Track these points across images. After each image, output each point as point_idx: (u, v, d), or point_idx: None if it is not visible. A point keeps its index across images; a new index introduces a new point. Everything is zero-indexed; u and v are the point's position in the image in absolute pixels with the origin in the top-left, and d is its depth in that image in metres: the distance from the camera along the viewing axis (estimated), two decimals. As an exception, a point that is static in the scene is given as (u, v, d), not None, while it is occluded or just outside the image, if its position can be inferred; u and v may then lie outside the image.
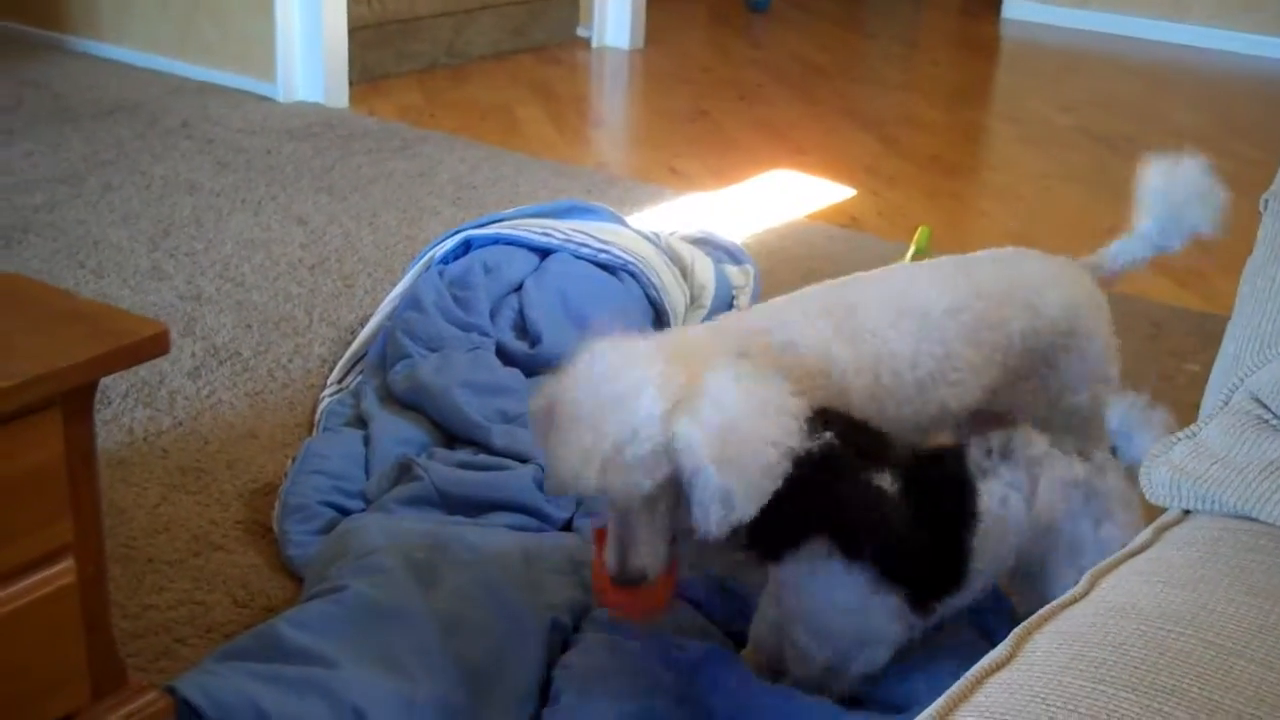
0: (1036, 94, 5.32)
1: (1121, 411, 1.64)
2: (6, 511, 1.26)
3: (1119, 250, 2.18)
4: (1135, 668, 0.93)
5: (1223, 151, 4.50)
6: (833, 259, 3.33)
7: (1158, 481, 1.22)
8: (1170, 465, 1.21)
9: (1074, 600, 1.04)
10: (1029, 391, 1.95)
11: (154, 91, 4.53)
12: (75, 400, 1.30)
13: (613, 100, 5.18)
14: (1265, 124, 4.98)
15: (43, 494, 1.29)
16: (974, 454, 1.66)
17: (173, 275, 3.05)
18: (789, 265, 3.22)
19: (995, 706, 0.90)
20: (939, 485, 1.63)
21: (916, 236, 3.23)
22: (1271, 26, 5.94)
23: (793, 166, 4.11)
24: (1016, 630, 1.01)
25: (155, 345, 1.32)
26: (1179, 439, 1.24)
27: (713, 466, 1.48)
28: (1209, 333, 2.99)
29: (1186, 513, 1.21)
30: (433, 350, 2.50)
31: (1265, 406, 1.19)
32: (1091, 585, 1.06)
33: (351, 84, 4.57)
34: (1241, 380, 1.22)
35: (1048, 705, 0.90)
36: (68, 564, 1.33)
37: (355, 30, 4.59)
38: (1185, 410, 2.61)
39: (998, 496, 1.63)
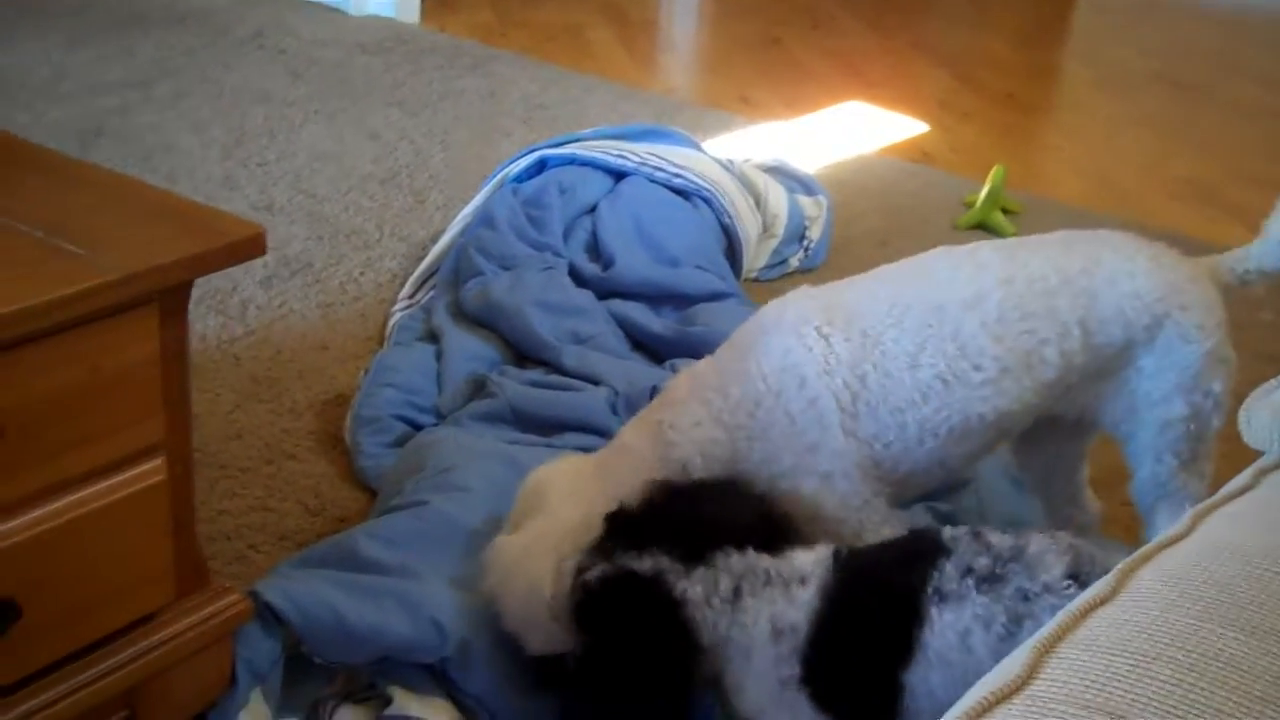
0: (1113, 37, 5.22)
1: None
2: (103, 407, 1.27)
3: (1256, 254, 1.81)
4: (1242, 608, 0.92)
5: (1305, 100, 4.42)
6: (907, 194, 3.30)
7: (1258, 424, 1.20)
8: (1272, 408, 1.19)
9: (1175, 539, 1.03)
10: (1107, 395, 1.68)
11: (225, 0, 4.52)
12: (172, 299, 1.30)
13: (684, 25, 5.12)
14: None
15: (137, 391, 1.30)
16: (951, 564, 1.34)
17: (244, 185, 3.06)
18: (862, 198, 3.19)
19: (1100, 640, 0.89)
20: (868, 599, 1.36)
21: (991, 175, 3.19)
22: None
23: (865, 99, 4.06)
24: (1119, 566, 0.99)
25: (252, 246, 1.32)
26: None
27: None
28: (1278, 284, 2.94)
29: (1287, 458, 1.19)
30: (506, 269, 2.49)
31: (1375, 354, 1.16)
32: (1193, 525, 1.05)
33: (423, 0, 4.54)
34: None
35: (1154, 641, 0.88)
36: (158, 462, 1.34)
37: (428, -55, 4.55)
38: (1263, 362, 2.58)
39: (955, 630, 1.32)
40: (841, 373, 1.60)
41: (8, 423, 1.19)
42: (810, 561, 1.42)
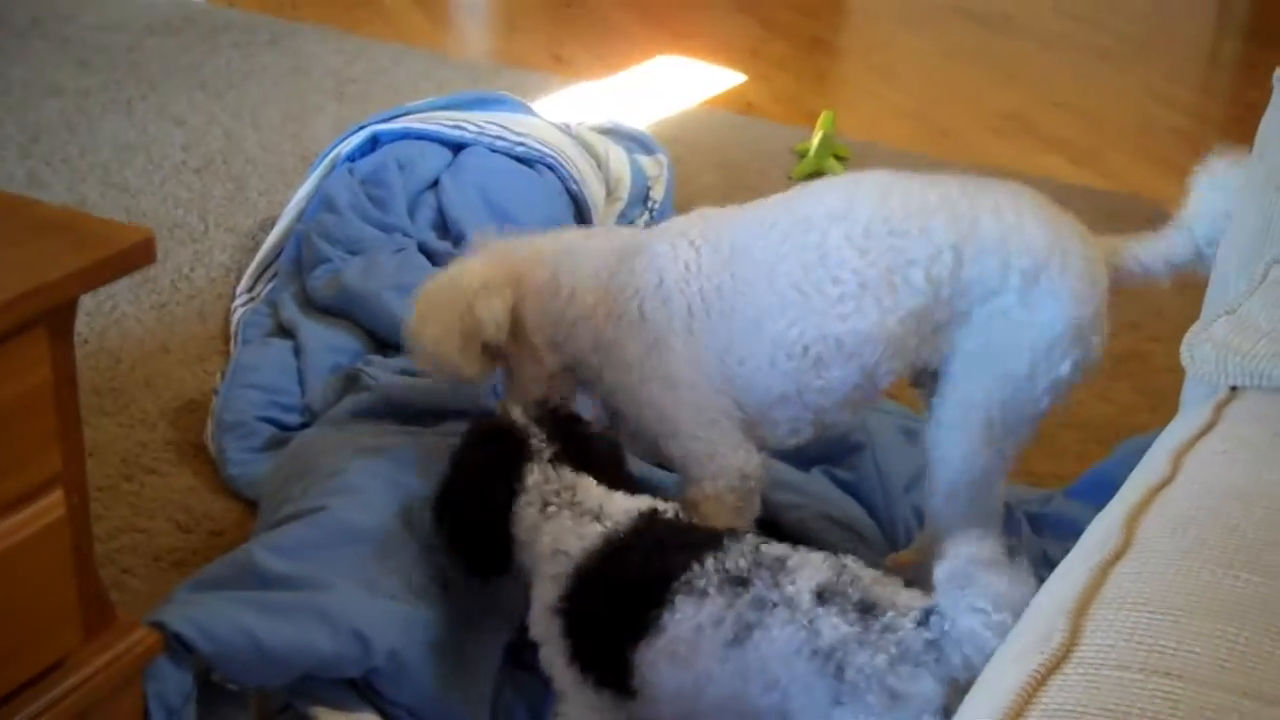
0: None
1: (957, 562, 1.19)
2: (1, 441, 1.16)
3: (1151, 246, 1.70)
4: (1257, 550, 0.92)
5: (1099, 25, 4.56)
6: (738, 146, 3.28)
7: (1202, 358, 1.21)
8: (1214, 341, 1.20)
9: (1165, 483, 1.02)
10: (959, 340, 1.60)
11: (-7, -12, 4.23)
12: (59, 319, 1.20)
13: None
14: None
15: (33, 421, 1.19)
16: (712, 560, 1.32)
17: (51, 183, 2.87)
18: (698, 154, 3.16)
19: (1129, 596, 0.88)
20: (630, 565, 1.38)
21: (821, 121, 3.20)
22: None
23: (677, 52, 4.03)
24: (1120, 515, 0.98)
25: (143, 253, 1.22)
26: (1218, 314, 1.22)
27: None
28: (1112, 210, 3.02)
29: (1233, 389, 1.20)
30: (353, 253, 2.39)
31: (1308, 279, 1.18)
32: (1176, 466, 1.04)
33: (207, -25, 4.32)
34: (1277, 256, 1.21)
35: (1183, 594, 0.88)
36: (57, 495, 1.24)
37: (207, -83, 4.34)
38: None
39: (690, 625, 1.31)
40: (700, 281, 1.61)
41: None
42: (620, 507, 1.45)
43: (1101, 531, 0.98)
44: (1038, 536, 1.80)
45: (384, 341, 2.21)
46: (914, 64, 4.09)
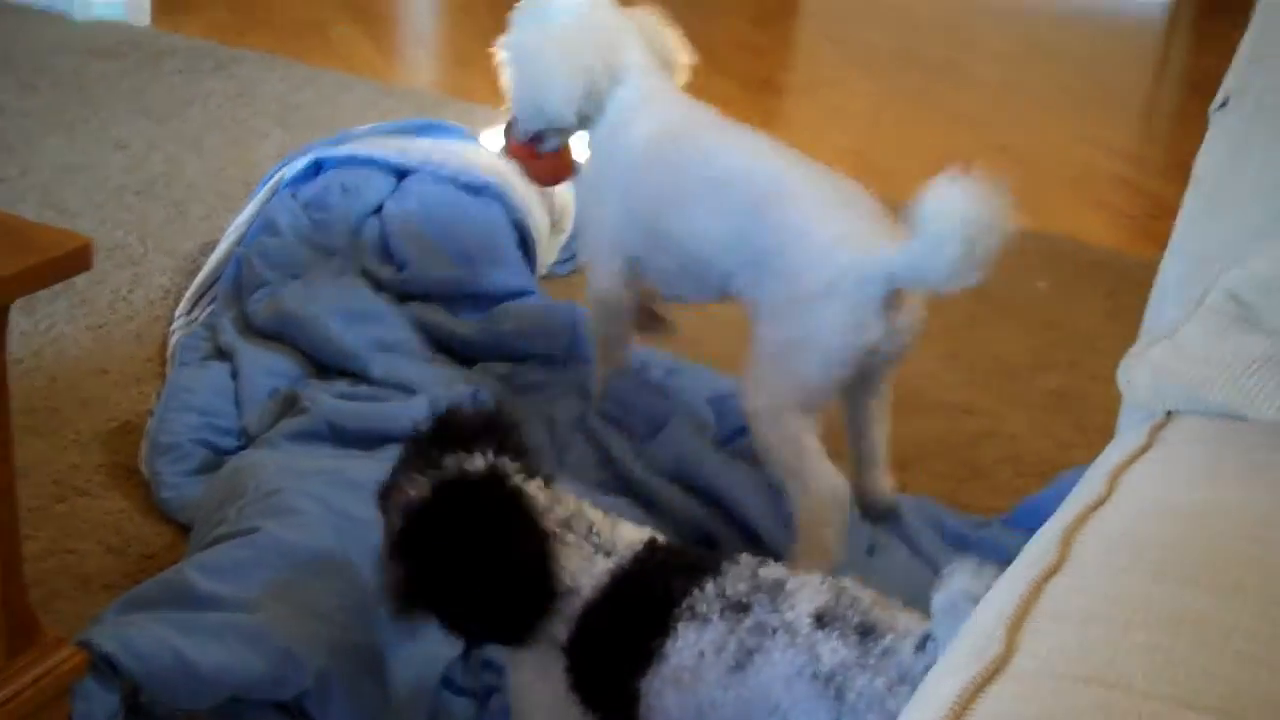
0: (854, 16, 5.34)
1: (951, 593, 1.17)
2: (-82, 451, 1.13)
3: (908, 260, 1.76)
4: (1195, 565, 0.92)
5: (1038, 73, 4.63)
6: (683, 180, 3.29)
7: (1139, 383, 1.22)
8: (1151, 366, 1.21)
9: (1101, 501, 1.03)
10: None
11: (-66, 8, 4.19)
12: (-12, 326, 1.18)
13: (426, 20, 5.01)
14: (1071, 47, 5.12)
15: (-44, 431, 1.16)
16: (712, 585, 1.31)
17: (-13, 203, 2.83)
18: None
19: (1067, 610, 0.88)
20: (634, 596, 1.34)
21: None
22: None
23: (625, 88, 4.04)
24: (1056, 532, 0.99)
25: (79, 259, 1.20)
26: (1155, 339, 1.23)
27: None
28: (1053, 253, 3.06)
29: (1169, 414, 1.21)
30: (294, 277, 2.37)
31: (1243, 304, 1.19)
32: (1112, 486, 1.05)
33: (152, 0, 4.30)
34: (1215, 280, 1.22)
35: (1121, 607, 0.88)
36: (-18, 509, 1.21)
37: (155, -56, 4.32)
38: (1044, 328, 2.67)
39: (692, 651, 1.29)
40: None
41: None
42: (625, 540, 1.39)
43: (1038, 548, 0.99)
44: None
45: (324, 366, 2.19)
46: (860, 105, 4.12)
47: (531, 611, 1.33)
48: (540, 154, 2.13)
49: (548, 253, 2.72)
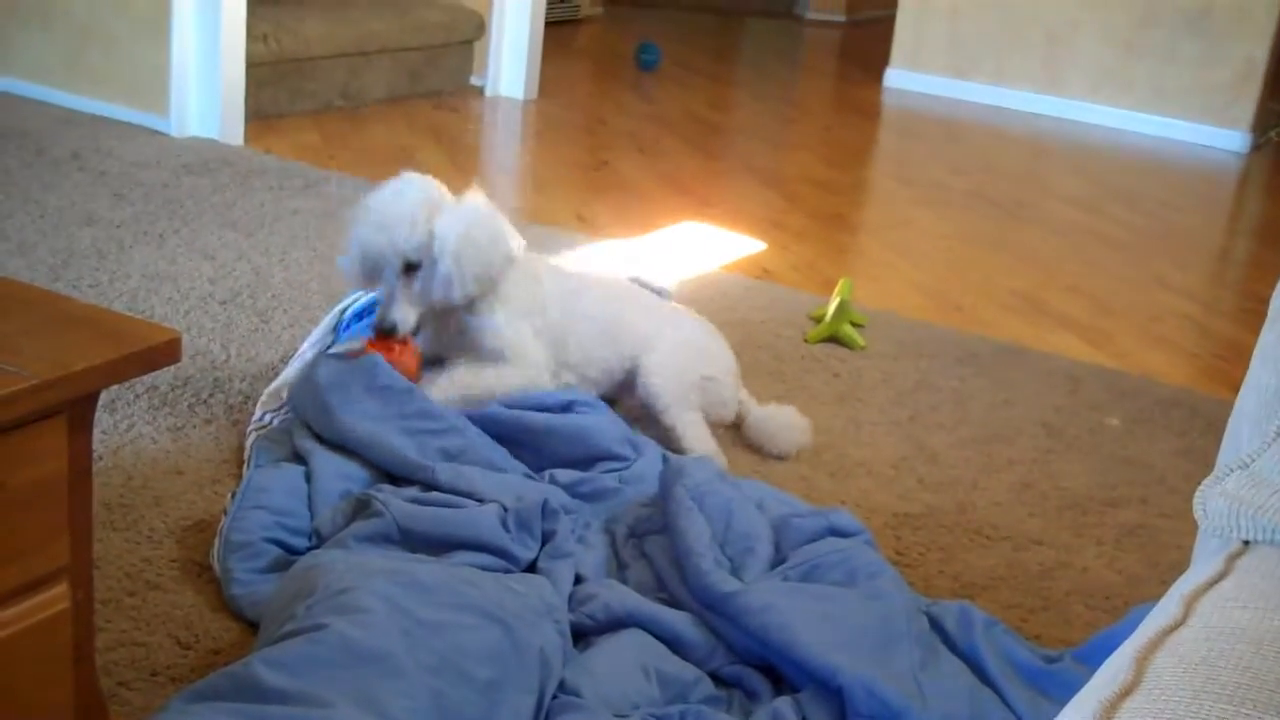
0: (926, 158, 5.42)
1: None
2: (8, 528, 1.16)
3: None
4: (1271, 691, 0.91)
5: (1108, 217, 4.65)
6: (755, 309, 3.32)
7: (1214, 511, 1.21)
8: (1227, 495, 1.20)
9: (1177, 625, 1.02)
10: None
11: (39, 121, 4.35)
12: (80, 410, 1.21)
13: (512, 148, 5.13)
14: (1143, 191, 5.15)
15: (45, 511, 1.19)
16: None
17: (78, 306, 2.91)
18: (714, 313, 3.19)
19: (1143, 729, 0.87)
20: None
21: (839, 288, 3.24)
22: (1142, 103, 6.16)
23: (700, 219, 4.11)
24: (1130, 654, 0.98)
25: (168, 352, 1.24)
26: (1231, 469, 1.23)
27: (450, 255, 2.37)
28: (1124, 390, 3.05)
29: (1245, 543, 1.20)
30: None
31: (1321, 436, 1.19)
32: (1188, 610, 1.04)
33: (246, 121, 4.44)
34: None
35: (1197, 728, 0.86)
36: (62, 588, 1.23)
37: (250, 67, 4.48)
38: (1118, 464, 2.66)
39: None
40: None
41: (-95, 548, 1.08)
42: None
43: (1112, 669, 0.98)
44: (1044, 695, 1.78)
45: (393, 477, 2.22)
46: (930, 243, 4.16)
47: None
48: (393, 347, 2.42)
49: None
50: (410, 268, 2.42)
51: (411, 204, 2.42)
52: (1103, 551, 2.32)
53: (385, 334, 2.40)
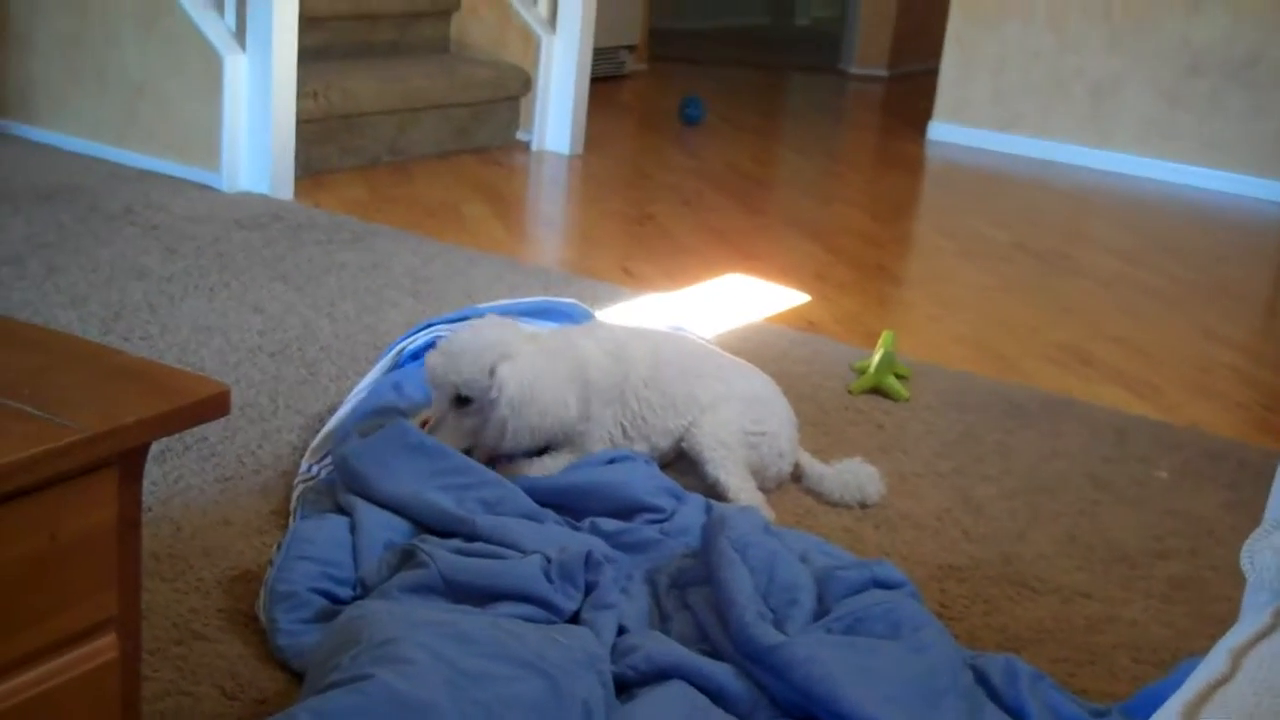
0: (969, 211, 5.42)
1: None
2: (59, 578, 1.18)
3: None
4: (1317, 743, 0.90)
5: (1154, 269, 4.63)
6: (798, 360, 3.33)
7: (1262, 565, 1.21)
8: (1274, 548, 1.20)
9: (1224, 680, 1.01)
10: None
11: (93, 177, 4.44)
12: (131, 462, 1.23)
13: (558, 202, 5.18)
14: (1189, 244, 5.12)
15: (94, 561, 1.21)
16: None
17: (129, 358, 2.95)
18: (758, 364, 3.20)
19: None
20: None
21: (882, 340, 3.24)
22: (1189, 155, 6.14)
23: (744, 271, 4.13)
24: (1177, 709, 0.97)
25: (217, 405, 1.26)
26: (1279, 525, 1.22)
27: (508, 407, 2.39)
28: (1171, 443, 3.03)
29: (1293, 596, 1.19)
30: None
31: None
32: (1235, 665, 1.04)
33: (296, 176, 4.51)
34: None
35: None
36: (110, 638, 1.25)
37: (300, 123, 4.54)
38: (1167, 516, 2.64)
39: None
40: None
41: (-41, 597, 1.10)
42: None
43: (1161, 723, 0.97)
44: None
45: (436, 531, 2.23)
46: (974, 295, 4.15)
47: None
48: None
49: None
50: (462, 401, 2.43)
51: (483, 343, 2.42)
52: (1150, 605, 2.30)
53: None
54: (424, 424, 2.45)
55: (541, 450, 2.54)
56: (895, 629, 1.93)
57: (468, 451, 2.45)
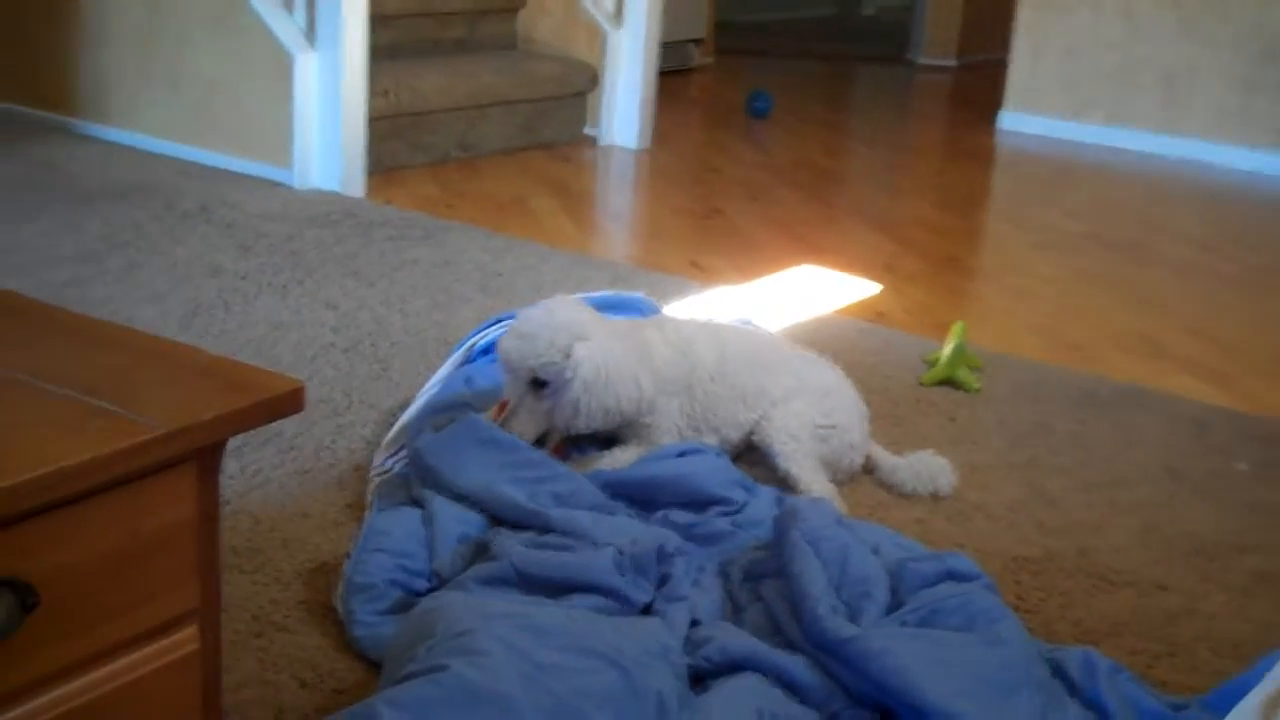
0: (1041, 201, 5.37)
1: None
2: (140, 572, 1.20)
3: None
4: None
5: (1229, 257, 4.56)
6: (868, 352, 3.32)
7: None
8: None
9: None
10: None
11: (167, 175, 4.50)
12: (208, 458, 1.25)
13: (626, 196, 5.19)
14: (1264, 232, 5.05)
15: (174, 555, 1.23)
16: None
17: (206, 355, 2.99)
18: (829, 357, 3.20)
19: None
20: None
21: (954, 331, 3.22)
22: (1265, 141, 6.04)
23: (814, 263, 4.12)
24: (1256, 705, 0.96)
25: (292, 401, 1.27)
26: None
27: (582, 387, 2.38)
28: (1253, 434, 2.99)
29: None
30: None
31: None
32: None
33: (366, 173, 4.55)
34: None
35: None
36: (191, 630, 1.27)
37: (370, 121, 4.58)
38: (1246, 509, 2.60)
39: None
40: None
41: (46, 592, 1.12)
42: None
43: (1239, 717, 0.96)
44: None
45: (509, 524, 2.24)
46: (1045, 285, 4.11)
47: None
48: None
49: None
50: (539, 384, 2.42)
51: (557, 324, 2.40)
52: (1231, 598, 2.27)
53: None
54: (501, 408, 2.47)
55: (611, 443, 2.55)
56: (970, 621, 1.92)
57: (543, 436, 2.47)
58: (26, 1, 5.06)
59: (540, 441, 2.47)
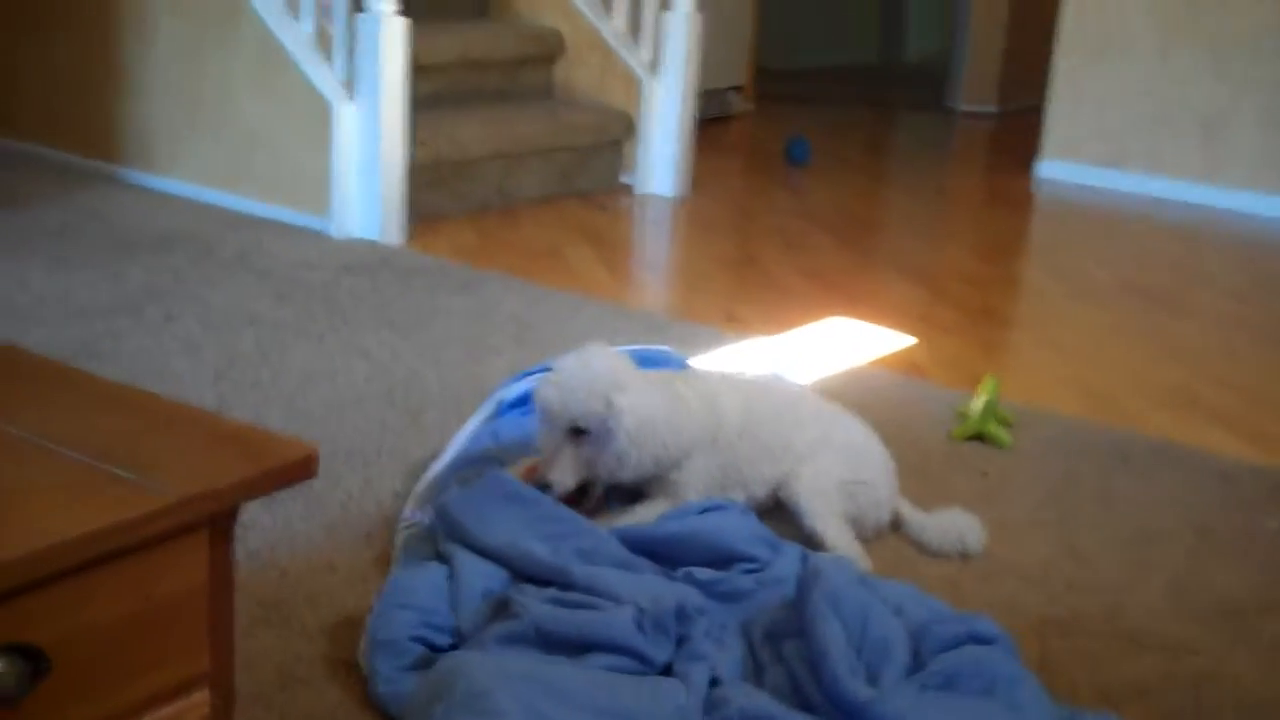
0: (1078, 250, 5.35)
1: None
2: (152, 638, 1.22)
3: None
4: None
5: (1267, 310, 4.53)
6: (900, 405, 3.31)
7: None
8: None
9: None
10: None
11: (208, 223, 4.56)
12: (221, 524, 1.27)
13: (661, 245, 5.21)
14: (1307, 284, 5.01)
15: (186, 621, 1.25)
16: None
17: (236, 407, 3.03)
18: (861, 411, 3.19)
19: None
20: None
21: (984, 385, 3.21)
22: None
23: (847, 314, 4.12)
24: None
25: (305, 468, 1.29)
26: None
27: (625, 438, 2.41)
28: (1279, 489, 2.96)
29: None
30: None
31: None
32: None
33: (404, 222, 4.59)
34: None
35: None
36: (203, 694, 1.29)
37: (410, 170, 4.63)
38: (1267, 569, 2.57)
39: None
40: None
41: (57, 656, 1.14)
42: None
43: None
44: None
45: (532, 580, 2.25)
46: (1080, 337, 4.09)
47: None
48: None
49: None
50: (578, 432, 2.45)
51: (595, 373, 2.43)
52: (1259, 660, 2.24)
53: (541, 489, 2.43)
54: (531, 470, 2.48)
55: (636, 497, 2.55)
56: (991, 685, 1.91)
57: (584, 486, 2.48)
58: (82, 55, 5.16)
59: (581, 489, 2.48)
